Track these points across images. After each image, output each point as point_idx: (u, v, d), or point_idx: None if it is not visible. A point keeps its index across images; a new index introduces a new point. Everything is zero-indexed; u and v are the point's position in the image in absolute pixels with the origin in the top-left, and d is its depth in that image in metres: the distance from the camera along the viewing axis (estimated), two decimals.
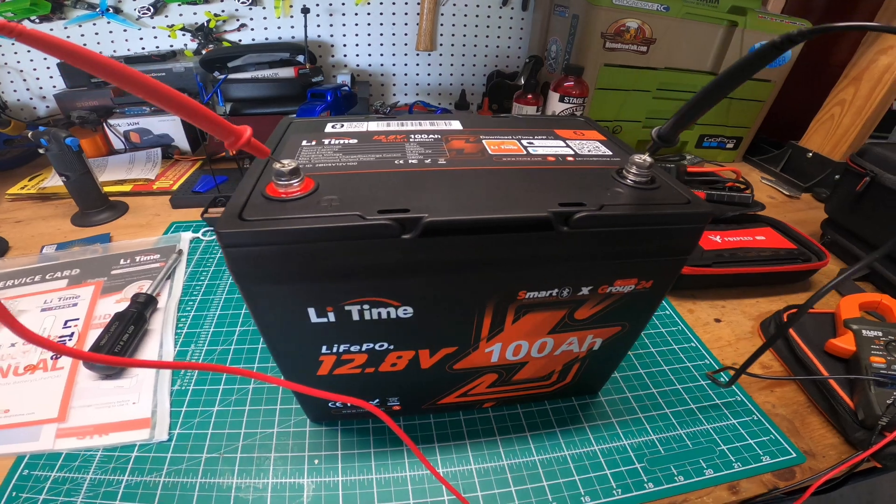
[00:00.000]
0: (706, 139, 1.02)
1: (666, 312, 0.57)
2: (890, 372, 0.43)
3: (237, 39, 0.98)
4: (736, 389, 0.47)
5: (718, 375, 0.48)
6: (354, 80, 1.06)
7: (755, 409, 0.45)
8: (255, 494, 0.36)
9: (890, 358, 0.44)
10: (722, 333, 0.55)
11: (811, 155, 0.93)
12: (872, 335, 0.47)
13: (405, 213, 0.26)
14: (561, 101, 0.82)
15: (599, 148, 0.37)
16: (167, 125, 0.89)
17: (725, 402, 0.46)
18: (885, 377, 0.42)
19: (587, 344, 0.38)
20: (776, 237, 0.65)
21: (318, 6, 0.98)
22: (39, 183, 0.78)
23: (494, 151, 0.35)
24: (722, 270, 0.59)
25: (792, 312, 0.54)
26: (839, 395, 0.44)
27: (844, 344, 0.47)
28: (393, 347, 0.34)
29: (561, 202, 0.28)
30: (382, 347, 0.34)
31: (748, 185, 0.75)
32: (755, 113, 0.98)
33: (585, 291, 0.32)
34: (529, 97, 0.89)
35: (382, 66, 1.09)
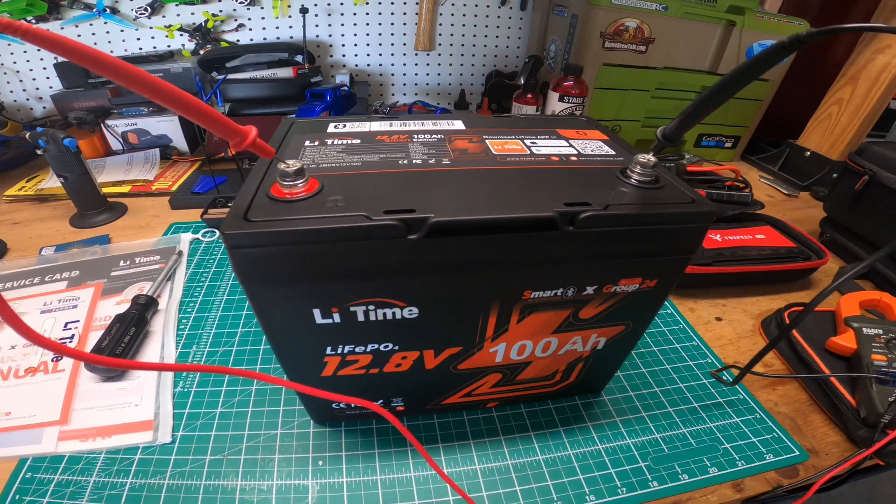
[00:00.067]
0: (704, 138, 1.02)
1: (667, 311, 0.57)
2: (891, 369, 0.43)
3: (235, 40, 0.98)
4: (738, 388, 0.47)
5: (722, 374, 0.48)
6: (353, 80, 1.06)
7: (758, 407, 0.46)
8: (259, 496, 0.36)
9: (891, 355, 0.45)
10: (723, 332, 0.55)
11: (809, 154, 0.94)
12: (873, 333, 0.47)
13: (411, 213, 0.26)
14: (560, 100, 0.82)
15: (602, 147, 0.37)
16: (165, 126, 0.89)
17: (728, 400, 0.46)
18: (886, 375, 0.43)
19: (591, 343, 0.38)
20: (776, 236, 0.66)
21: (316, 6, 0.98)
22: (37, 184, 0.78)
23: (498, 151, 0.35)
24: (722, 269, 0.59)
25: (793, 311, 0.54)
26: (841, 392, 0.44)
27: (845, 342, 0.47)
28: (398, 348, 0.34)
29: (566, 202, 0.28)
30: (387, 348, 0.34)
31: (747, 183, 0.75)
32: (753, 112, 0.99)
33: (590, 291, 0.32)
34: (529, 97, 0.89)
35: (381, 66, 1.09)
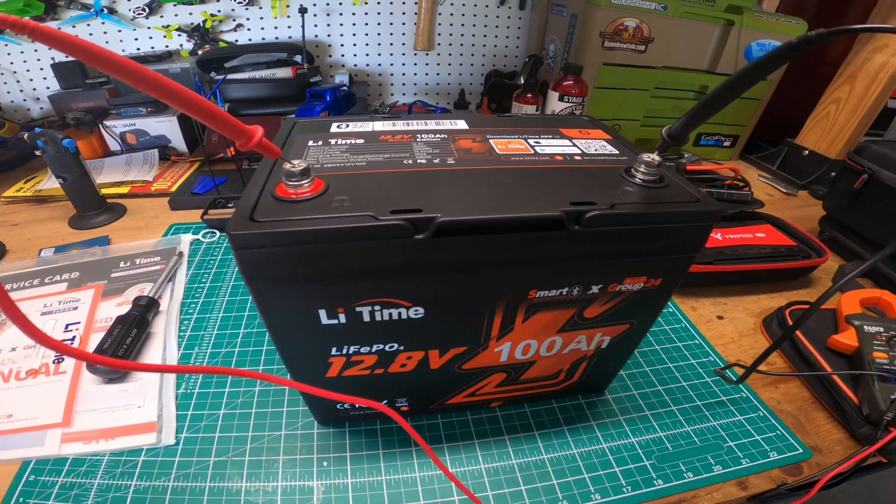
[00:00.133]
0: (703, 137, 1.02)
1: (669, 310, 0.58)
2: (892, 367, 0.43)
3: (234, 40, 0.98)
4: (741, 386, 0.48)
5: (726, 372, 0.49)
6: (353, 80, 1.06)
7: (761, 405, 0.46)
8: (264, 498, 0.36)
9: (892, 353, 0.45)
10: (725, 330, 0.55)
11: (807, 153, 0.94)
12: (874, 331, 0.48)
13: (418, 213, 0.26)
14: (560, 100, 0.82)
15: (606, 147, 0.37)
16: (164, 126, 0.88)
17: (731, 398, 0.46)
18: (888, 372, 0.43)
19: (595, 342, 0.38)
20: (776, 234, 0.66)
21: (315, 6, 0.98)
22: (35, 185, 0.77)
23: (502, 151, 0.35)
24: (724, 268, 0.59)
25: (794, 309, 0.54)
26: (843, 390, 0.44)
27: (847, 340, 0.48)
28: (403, 348, 0.34)
29: (572, 201, 0.28)
30: (393, 348, 0.33)
31: (747, 182, 0.75)
32: (752, 111, 0.99)
33: (595, 290, 0.32)
34: (529, 96, 0.89)
35: (380, 65, 1.09)
